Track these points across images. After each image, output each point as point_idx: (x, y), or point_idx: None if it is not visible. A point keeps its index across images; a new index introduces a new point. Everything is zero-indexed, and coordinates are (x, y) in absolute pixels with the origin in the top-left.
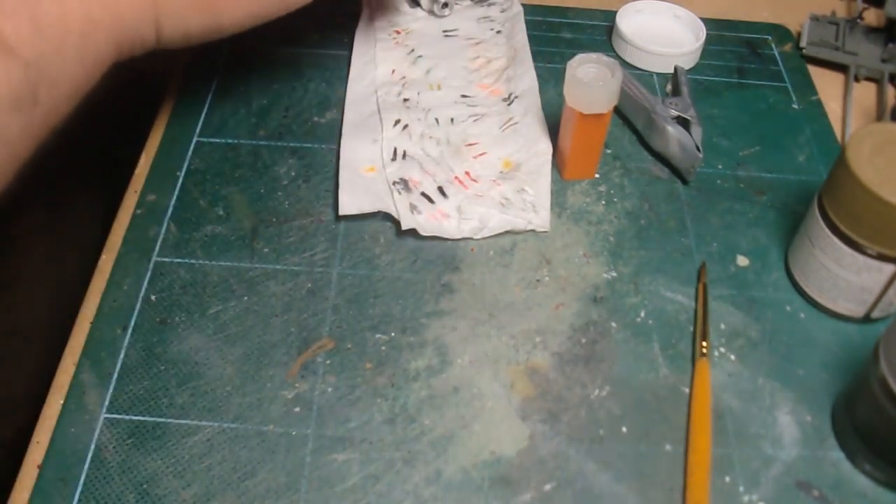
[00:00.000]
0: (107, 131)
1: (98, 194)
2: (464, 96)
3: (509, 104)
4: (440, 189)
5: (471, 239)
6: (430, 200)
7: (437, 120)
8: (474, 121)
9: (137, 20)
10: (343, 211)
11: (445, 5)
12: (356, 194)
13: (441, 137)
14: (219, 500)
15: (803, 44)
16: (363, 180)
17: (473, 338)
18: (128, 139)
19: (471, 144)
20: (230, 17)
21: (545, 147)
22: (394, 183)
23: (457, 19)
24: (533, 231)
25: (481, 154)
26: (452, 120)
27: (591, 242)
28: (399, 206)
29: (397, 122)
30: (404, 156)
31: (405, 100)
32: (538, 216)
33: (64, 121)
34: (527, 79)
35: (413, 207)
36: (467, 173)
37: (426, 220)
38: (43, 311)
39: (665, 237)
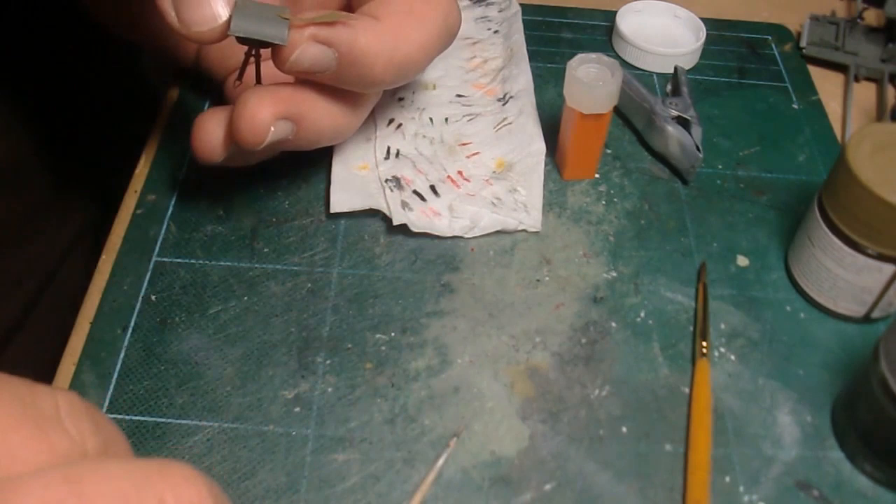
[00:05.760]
0: (107, 131)
1: (98, 194)
2: (459, 96)
3: (504, 104)
4: (432, 188)
5: (463, 238)
6: (422, 198)
7: (431, 119)
8: (468, 120)
9: None
10: (334, 209)
11: None
12: (348, 192)
13: (435, 137)
14: None
15: (803, 44)
16: (355, 178)
17: (473, 338)
18: (128, 139)
19: (464, 144)
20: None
21: (539, 147)
22: (386, 180)
23: None
24: (533, 231)
25: (475, 154)
26: (447, 119)
27: (591, 242)
28: (391, 203)
29: (391, 121)
30: (398, 154)
31: (400, 99)
32: (529, 216)
33: None
34: (522, 79)
35: (405, 204)
36: (460, 172)
37: (417, 217)
38: (43, 310)
39: (665, 237)
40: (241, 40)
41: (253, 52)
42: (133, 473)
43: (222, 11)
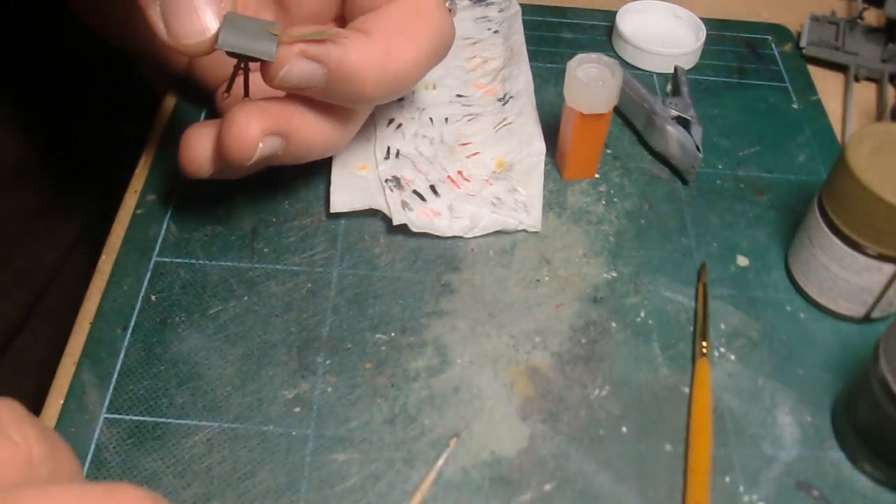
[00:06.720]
0: (107, 132)
1: (98, 194)
2: (459, 96)
3: (504, 104)
4: (432, 188)
5: (463, 238)
6: (422, 198)
7: (431, 119)
8: (468, 120)
9: None
10: (334, 209)
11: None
12: (348, 192)
13: (435, 137)
14: (219, 500)
15: (803, 44)
16: (355, 178)
17: (473, 338)
18: (128, 140)
19: (464, 144)
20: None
21: (539, 147)
22: (386, 180)
23: (454, 19)
24: (533, 231)
25: (475, 154)
26: (447, 119)
27: (591, 242)
28: (391, 203)
29: (391, 121)
30: (398, 154)
31: (400, 99)
32: (529, 216)
33: None
34: (522, 79)
35: (405, 204)
36: (460, 172)
37: (417, 217)
38: (44, 311)
39: (665, 237)
40: (230, 54)
41: (241, 66)
42: (79, 495)
43: (211, 24)
